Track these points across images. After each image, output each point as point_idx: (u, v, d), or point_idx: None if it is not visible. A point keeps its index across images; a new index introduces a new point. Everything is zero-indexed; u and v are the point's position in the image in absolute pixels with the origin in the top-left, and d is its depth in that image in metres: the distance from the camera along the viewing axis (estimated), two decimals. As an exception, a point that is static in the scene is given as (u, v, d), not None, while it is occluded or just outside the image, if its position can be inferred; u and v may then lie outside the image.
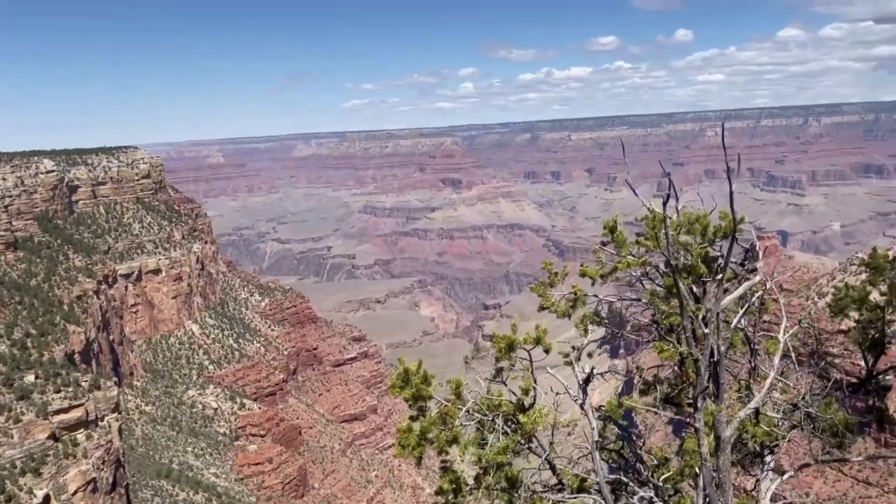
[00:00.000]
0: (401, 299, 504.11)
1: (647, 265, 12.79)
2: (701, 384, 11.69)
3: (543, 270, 14.08)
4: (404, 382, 11.88)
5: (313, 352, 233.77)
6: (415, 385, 11.77)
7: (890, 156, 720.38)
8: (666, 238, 11.58)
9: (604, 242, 13.25)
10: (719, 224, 12.71)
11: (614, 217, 13.56)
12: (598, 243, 13.34)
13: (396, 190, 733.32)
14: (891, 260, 15.72)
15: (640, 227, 13.39)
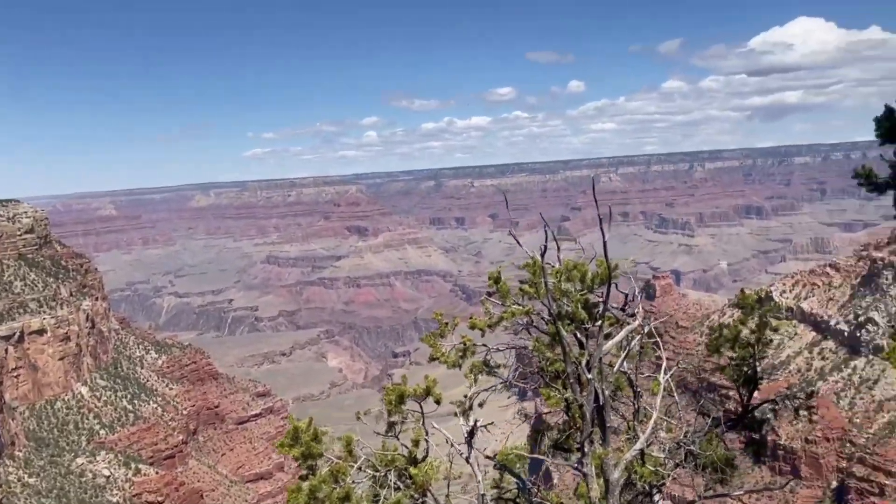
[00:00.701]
0: (307, 351, 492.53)
1: (530, 314, 13.13)
2: (586, 429, 11.99)
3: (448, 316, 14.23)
4: (293, 441, 11.56)
5: (215, 410, 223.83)
6: (304, 443, 11.47)
7: (767, 198, 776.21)
8: (545, 287, 11.95)
9: (489, 293, 13.53)
10: (597, 271, 13.24)
11: (498, 269, 13.90)
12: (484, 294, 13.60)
13: (300, 239, 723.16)
14: (757, 300, 16.87)
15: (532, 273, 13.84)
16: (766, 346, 16.78)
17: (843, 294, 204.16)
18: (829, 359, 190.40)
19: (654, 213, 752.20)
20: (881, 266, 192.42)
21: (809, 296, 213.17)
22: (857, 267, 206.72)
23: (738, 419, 16.08)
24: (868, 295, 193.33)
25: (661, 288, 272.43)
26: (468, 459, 11.76)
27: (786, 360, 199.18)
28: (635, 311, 14.43)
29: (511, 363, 13.28)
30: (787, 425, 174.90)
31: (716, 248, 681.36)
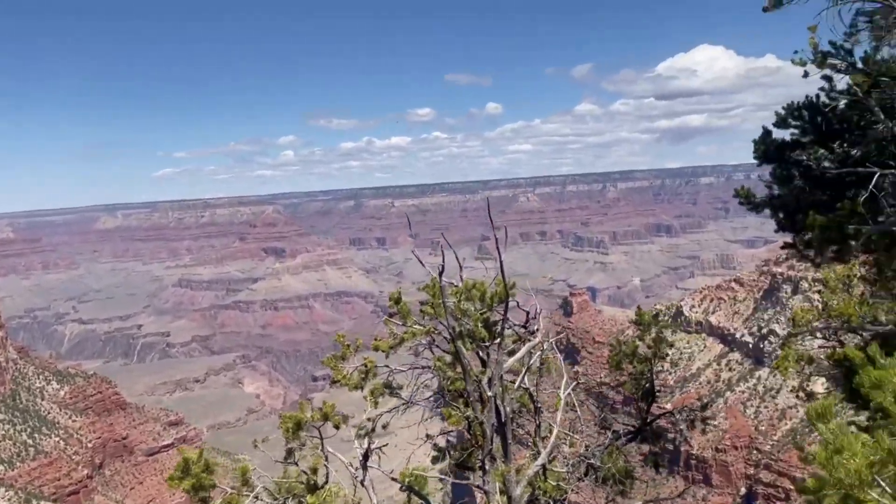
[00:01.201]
0: (222, 377, 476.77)
1: (431, 333, 13.19)
2: (487, 446, 12.07)
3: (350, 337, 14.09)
4: (184, 473, 11.11)
5: (123, 441, 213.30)
6: (195, 475, 11.04)
7: (675, 216, 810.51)
8: (444, 306, 12.04)
9: (391, 314, 13.51)
10: (496, 290, 13.43)
11: (398, 289, 13.92)
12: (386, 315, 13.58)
13: (215, 261, 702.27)
14: (653, 316, 17.53)
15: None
16: (662, 360, 17.48)
17: (747, 307, 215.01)
18: (735, 370, 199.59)
19: (570, 231, 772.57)
20: (780, 280, 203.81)
21: (717, 310, 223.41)
22: (759, 281, 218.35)
23: (637, 432, 16.61)
24: (770, 308, 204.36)
25: (578, 304, 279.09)
26: (363, 482, 11.63)
27: (696, 372, 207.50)
28: (536, 327, 14.70)
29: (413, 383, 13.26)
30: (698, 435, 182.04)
31: (629, 265, 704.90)
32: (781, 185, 13.78)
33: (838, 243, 12.42)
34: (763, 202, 14.25)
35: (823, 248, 13.20)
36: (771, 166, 14.20)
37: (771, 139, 14.45)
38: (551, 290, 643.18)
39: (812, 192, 13.33)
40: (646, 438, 16.61)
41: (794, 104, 14.55)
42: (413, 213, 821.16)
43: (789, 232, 15.02)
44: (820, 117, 13.27)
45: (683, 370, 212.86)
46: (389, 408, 13.01)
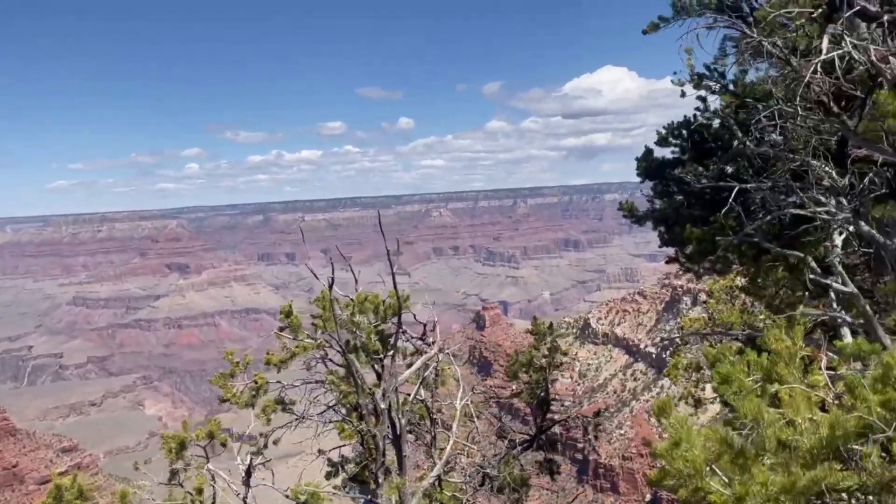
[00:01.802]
0: (121, 399, 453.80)
1: (324, 347, 13.10)
2: (380, 459, 12.05)
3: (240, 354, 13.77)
4: (56, 501, 10.52)
5: (12, 470, 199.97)
6: (67, 502, 10.48)
7: (583, 231, 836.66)
8: (334, 319, 11.99)
9: (281, 328, 13.33)
10: (390, 302, 13.50)
11: (290, 302, 13.76)
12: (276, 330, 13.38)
13: (113, 278, 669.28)
14: (548, 327, 18.05)
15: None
16: (556, 369, 18.02)
17: (650, 319, 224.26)
18: (640, 380, 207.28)
19: (482, 246, 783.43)
20: (681, 293, 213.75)
21: (622, 322, 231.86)
22: (661, 294, 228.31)
23: (532, 440, 17.00)
24: (671, 319, 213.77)
25: (490, 318, 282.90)
26: (245, 499, 11.36)
27: (603, 382, 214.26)
28: (433, 339, 14.84)
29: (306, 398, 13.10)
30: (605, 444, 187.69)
31: (539, 279, 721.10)
32: (661, 200, 14.56)
33: (713, 255, 13.20)
34: (645, 215, 15.00)
35: (700, 260, 14.01)
36: (652, 182, 15.02)
37: (652, 157, 15.26)
38: (464, 304, 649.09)
39: (690, 206, 14.14)
40: (541, 446, 17.02)
41: (673, 124, 15.42)
42: (324, 228, 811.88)
43: (671, 246, 15.85)
44: (696, 136, 14.13)
45: (591, 381, 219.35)
46: (282, 424, 12.79)
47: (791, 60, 7.74)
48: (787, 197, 9.28)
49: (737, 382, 5.60)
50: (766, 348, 5.66)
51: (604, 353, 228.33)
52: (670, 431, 4.90)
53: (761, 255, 12.02)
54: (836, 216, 8.50)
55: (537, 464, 17.29)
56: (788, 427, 4.72)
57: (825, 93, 7.61)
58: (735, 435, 4.78)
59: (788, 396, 5.02)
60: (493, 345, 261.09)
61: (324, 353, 13.16)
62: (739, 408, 4.87)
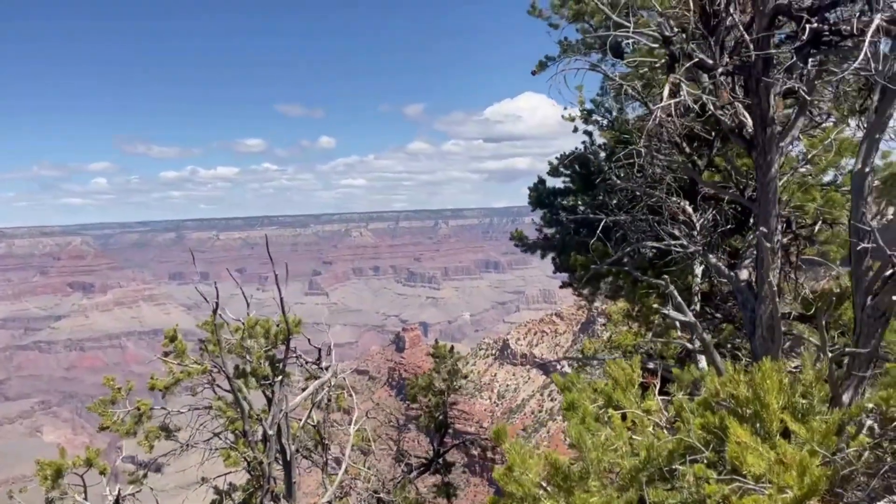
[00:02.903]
0: (18, 425, 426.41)
1: (209, 372, 12.91)
2: (265, 486, 11.94)
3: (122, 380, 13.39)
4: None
5: None
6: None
7: (503, 253, 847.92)
8: (219, 344, 11.87)
9: (166, 352, 13.07)
10: (280, 327, 13.47)
11: (175, 326, 13.52)
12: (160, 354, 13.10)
13: (11, 297, 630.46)
14: (449, 350, 18.33)
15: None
16: (455, 393, 18.29)
17: (567, 340, 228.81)
18: (557, 399, 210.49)
19: (403, 267, 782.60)
20: (596, 314, 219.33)
21: (540, 342, 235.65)
22: (577, 315, 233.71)
23: (429, 463, 17.16)
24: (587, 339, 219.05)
25: (410, 339, 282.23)
26: (115, 533, 11.05)
27: (521, 403, 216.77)
28: (327, 364, 14.84)
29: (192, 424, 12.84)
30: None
31: (459, 300, 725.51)
32: (550, 228, 15.19)
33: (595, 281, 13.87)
34: (534, 244, 15.60)
35: (587, 285, 14.67)
36: (543, 211, 15.66)
37: (544, 186, 15.92)
38: (384, 325, 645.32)
39: (577, 234, 14.82)
40: (438, 470, 17.19)
41: (564, 155, 16.14)
42: (240, 247, 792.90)
43: (563, 272, 16.50)
44: (583, 169, 14.85)
45: (510, 401, 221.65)
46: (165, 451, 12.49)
47: (648, 104, 8.40)
48: (647, 230, 9.94)
49: (581, 408, 5.96)
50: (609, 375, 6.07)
51: (522, 374, 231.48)
52: (507, 456, 5.19)
53: (637, 283, 12.71)
54: (688, 249, 9.20)
55: (435, 487, 17.43)
56: (610, 451, 5.10)
57: (678, 134, 8.26)
58: (564, 459, 5.11)
59: (619, 421, 5.41)
60: (413, 366, 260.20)
61: (211, 378, 12.96)
62: (568, 432, 5.22)
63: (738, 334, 12.30)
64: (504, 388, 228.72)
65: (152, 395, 13.31)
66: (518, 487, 4.97)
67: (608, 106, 14.24)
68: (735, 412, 5.35)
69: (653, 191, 9.34)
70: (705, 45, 7.65)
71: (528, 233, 18.08)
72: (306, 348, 14.92)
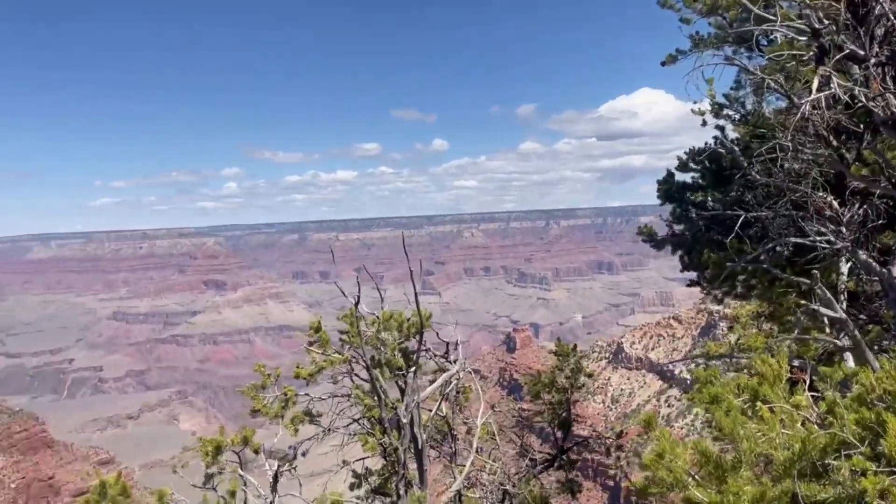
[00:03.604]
0: (157, 413, 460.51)
1: (350, 362, 13.66)
2: (401, 472, 12.54)
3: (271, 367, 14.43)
4: (100, 497, 11.21)
5: (49, 482, 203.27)
6: (111, 498, 11.16)
7: (617, 254, 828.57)
8: (359, 335, 12.56)
9: (311, 342, 13.94)
10: (413, 320, 14.05)
11: (318, 318, 14.38)
12: (305, 344, 14.00)
13: (152, 294, 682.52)
14: (572, 348, 18.36)
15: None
16: (579, 391, 18.30)
17: (685, 344, 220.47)
18: (674, 406, 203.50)
19: (514, 267, 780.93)
20: (717, 318, 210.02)
21: (656, 346, 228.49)
22: (696, 319, 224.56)
23: (552, 460, 17.28)
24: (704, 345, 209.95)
25: (521, 340, 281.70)
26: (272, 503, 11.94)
27: (637, 408, 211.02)
28: (454, 357, 15.33)
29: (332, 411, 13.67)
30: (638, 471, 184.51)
31: (571, 301, 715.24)
32: (680, 225, 14.91)
33: (729, 280, 13.52)
34: (664, 240, 15.35)
35: (719, 285, 14.29)
36: (672, 206, 15.39)
37: (673, 181, 15.64)
38: (495, 325, 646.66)
39: (708, 231, 14.48)
40: (562, 466, 17.27)
41: (694, 150, 15.80)
42: (358, 248, 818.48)
43: (692, 270, 16.14)
44: (714, 164, 14.50)
45: (624, 406, 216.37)
46: (309, 435, 13.37)
47: (792, 97, 8.18)
48: (790, 226, 9.63)
49: (725, 402, 6.00)
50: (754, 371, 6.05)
51: (637, 379, 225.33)
52: (655, 443, 5.32)
53: (774, 281, 12.30)
54: (835, 245, 8.84)
55: (558, 483, 17.55)
56: (764, 442, 5.12)
57: (824, 127, 8.00)
58: (714, 448, 5.18)
59: (769, 414, 5.41)
60: (524, 367, 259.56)
61: (350, 367, 13.73)
62: (720, 424, 5.27)
63: (886, 336, 11.66)
64: (618, 393, 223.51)
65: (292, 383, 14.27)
66: (668, 474, 5.11)
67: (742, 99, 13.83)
68: (893, 408, 5.26)
69: (797, 186, 9.07)
70: (854, 35, 7.43)
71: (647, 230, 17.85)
72: (434, 341, 15.49)
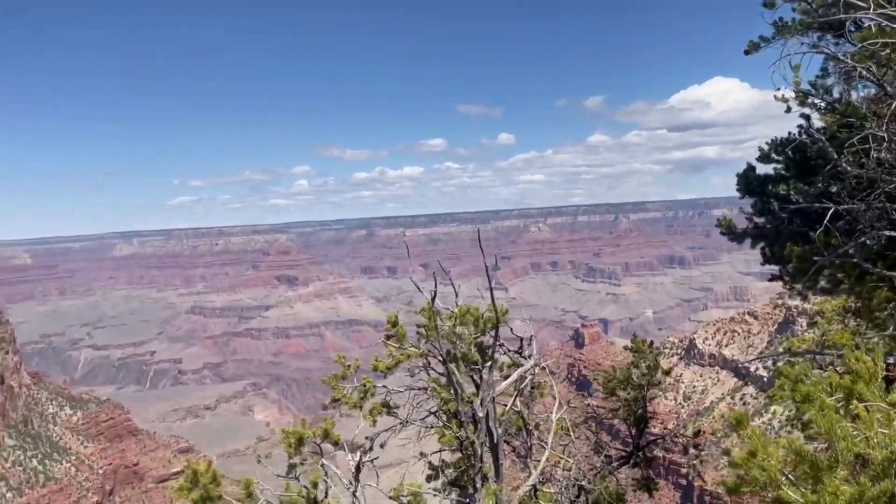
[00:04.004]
0: (233, 404, 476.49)
1: (426, 356, 13.86)
2: (478, 465, 12.67)
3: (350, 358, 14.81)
4: (192, 484, 11.77)
5: (133, 468, 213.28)
6: (203, 486, 11.69)
7: (688, 248, 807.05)
8: (436, 330, 12.74)
9: (388, 336, 14.21)
10: (489, 315, 14.13)
11: (395, 313, 14.65)
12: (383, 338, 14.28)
13: (228, 288, 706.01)
14: (648, 345, 18.08)
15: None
16: (655, 387, 18.00)
17: (761, 341, 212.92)
18: (750, 404, 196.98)
19: (582, 262, 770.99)
20: (796, 313, 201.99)
21: (730, 343, 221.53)
22: (773, 314, 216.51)
23: (628, 456, 17.08)
24: (785, 341, 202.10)
25: (590, 336, 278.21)
26: (354, 493, 12.23)
27: (710, 406, 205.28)
28: (529, 353, 15.34)
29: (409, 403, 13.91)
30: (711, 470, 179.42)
31: (641, 296, 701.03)
32: (761, 217, 14.45)
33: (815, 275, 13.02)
34: (744, 233, 14.91)
35: (803, 279, 13.80)
36: (753, 199, 14.92)
37: (754, 173, 15.16)
38: (563, 321, 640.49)
39: (791, 224, 13.98)
40: (638, 463, 17.06)
41: (776, 140, 15.27)
42: (424, 243, 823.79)
43: (774, 264, 15.62)
44: (798, 154, 13.97)
45: (696, 403, 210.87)
46: (386, 427, 13.64)
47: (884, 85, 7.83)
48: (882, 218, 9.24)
49: (818, 400, 5.85)
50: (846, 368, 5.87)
51: (710, 376, 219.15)
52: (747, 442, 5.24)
53: (864, 276, 11.82)
54: (934, 239, 8.45)
55: (634, 481, 17.35)
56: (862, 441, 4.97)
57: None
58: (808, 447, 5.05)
59: (865, 413, 5.25)
60: (592, 363, 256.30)
61: (426, 361, 13.93)
62: (816, 423, 5.15)
63: None
64: (690, 390, 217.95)
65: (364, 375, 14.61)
66: (761, 473, 5.03)
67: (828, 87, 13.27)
68: None
69: (890, 177, 8.70)
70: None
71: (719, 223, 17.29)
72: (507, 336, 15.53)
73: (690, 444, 18.12)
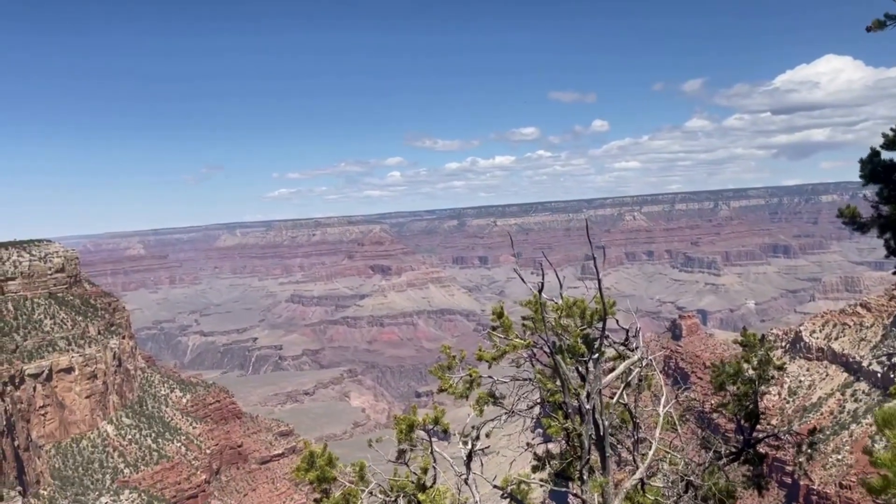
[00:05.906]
0: (330, 390, 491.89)
1: (532, 347, 13.89)
2: (585, 457, 12.63)
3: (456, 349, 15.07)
4: (309, 465, 12.33)
5: (238, 449, 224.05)
6: (319, 467, 12.23)
7: (794, 236, 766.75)
8: (543, 322, 12.75)
9: (493, 327, 14.32)
10: (595, 307, 13.99)
11: (500, 304, 14.74)
12: (489, 328, 14.41)
13: (325, 278, 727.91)
14: (760, 338, 17.39)
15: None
16: (767, 383, 17.31)
17: (874, 334, 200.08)
18: (862, 401, 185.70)
19: (679, 251, 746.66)
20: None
21: (840, 336, 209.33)
22: (889, 306, 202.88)
23: (738, 452, 16.51)
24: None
25: (688, 328, 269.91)
26: (466, 480, 12.45)
27: (817, 401, 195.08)
28: (636, 345, 15.11)
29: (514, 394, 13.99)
30: (819, 469, 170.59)
31: (743, 287, 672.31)
32: (888, 206, 13.60)
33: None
34: (869, 222, 14.07)
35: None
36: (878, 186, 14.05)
37: (879, 159, 14.27)
38: (659, 312, 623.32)
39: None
40: (749, 460, 16.48)
41: (905, 124, 14.30)
42: (516, 233, 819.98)
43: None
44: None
45: (803, 399, 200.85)
46: (492, 416, 13.80)
47: None
48: None
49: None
50: None
51: (818, 370, 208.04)
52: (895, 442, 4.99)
53: None
54: None
55: (744, 477, 16.78)
56: None
57: None
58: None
59: None
60: (691, 355, 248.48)
61: (532, 352, 13.98)
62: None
63: None
64: (796, 385, 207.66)
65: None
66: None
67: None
68: None
69: None
70: None
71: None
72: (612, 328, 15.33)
73: (805, 441, 17.32)
